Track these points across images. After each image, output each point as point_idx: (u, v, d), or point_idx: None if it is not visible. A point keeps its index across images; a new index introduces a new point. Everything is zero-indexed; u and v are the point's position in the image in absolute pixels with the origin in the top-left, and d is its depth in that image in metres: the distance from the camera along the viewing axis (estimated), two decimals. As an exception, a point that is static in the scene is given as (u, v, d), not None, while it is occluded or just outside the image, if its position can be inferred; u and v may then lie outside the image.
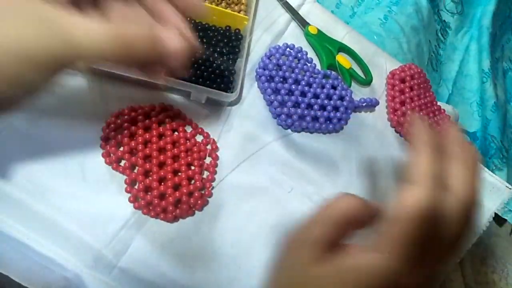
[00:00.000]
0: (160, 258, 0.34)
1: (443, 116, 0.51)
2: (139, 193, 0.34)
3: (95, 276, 0.33)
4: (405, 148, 0.49)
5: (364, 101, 0.46)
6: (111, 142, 0.36)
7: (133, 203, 0.35)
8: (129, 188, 0.35)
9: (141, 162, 0.35)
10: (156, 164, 0.35)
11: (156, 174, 0.35)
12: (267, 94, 0.42)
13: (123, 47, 0.24)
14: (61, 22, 0.22)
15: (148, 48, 0.25)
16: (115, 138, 0.36)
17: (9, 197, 0.33)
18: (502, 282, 0.73)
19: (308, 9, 0.50)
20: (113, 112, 0.37)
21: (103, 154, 0.36)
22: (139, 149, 0.36)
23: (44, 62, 0.22)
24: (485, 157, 0.70)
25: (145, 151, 0.36)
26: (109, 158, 0.35)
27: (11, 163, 0.33)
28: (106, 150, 0.36)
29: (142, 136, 0.36)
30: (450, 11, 0.73)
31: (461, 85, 0.73)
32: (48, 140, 0.35)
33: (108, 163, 0.35)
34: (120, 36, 0.23)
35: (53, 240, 0.32)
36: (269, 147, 0.42)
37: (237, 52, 0.44)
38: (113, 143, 0.35)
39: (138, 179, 0.35)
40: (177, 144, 0.37)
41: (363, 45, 0.52)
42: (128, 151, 0.36)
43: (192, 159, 0.37)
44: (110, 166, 0.35)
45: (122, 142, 0.36)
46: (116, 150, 0.36)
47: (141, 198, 0.34)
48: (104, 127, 0.36)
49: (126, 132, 0.36)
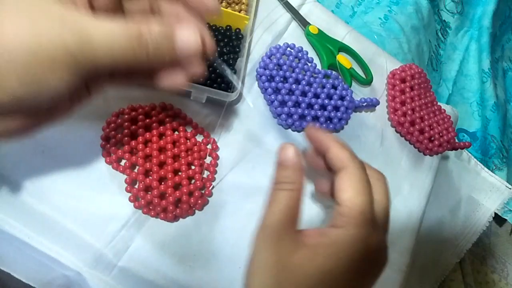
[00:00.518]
0: (160, 257, 0.34)
1: (444, 116, 0.51)
2: (139, 193, 0.34)
3: (95, 275, 0.33)
4: (405, 148, 0.49)
5: (364, 101, 0.46)
6: (111, 141, 0.36)
7: (133, 202, 0.35)
8: (129, 188, 0.35)
9: (141, 162, 0.35)
10: (157, 163, 0.35)
11: (157, 173, 0.35)
12: (268, 94, 0.42)
13: (139, 44, 0.23)
14: (75, 19, 0.21)
15: (166, 47, 0.24)
16: (115, 138, 0.36)
17: (10, 197, 0.33)
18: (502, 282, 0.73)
19: (308, 8, 0.50)
20: (113, 111, 0.37)
21: (103, 154, 0.36)
22: (139, 148, 0.36)
23: (58, 59, 0.21)
24: (485, 157, 0.70)
25: (145, 151, 0.36)
26: (109, 158, 0.35)
27: (12, 163, 0.33)
28: (106, 149, 0.36)
29: (143, 136, 0.36)
30: (450, 11, 0.73)
31: (461, 85, 0.73)
32: (48, 140, 0.35)
33: (108, 163, 0.35)
34: (135, 32, 0.23)
35: (54, 239, 0.32)
36: (269, 147, 0.42)
37: (237, 51, 0.44)
38: (113, 143, 0.36)
39: (138, 179, 0.35)
40: (177, 144, 0.37)
41: (364, 45, 0.52)
42: (128, 151, 0.36)
43: (193, 159, 0.37)
44: (110, 166, 0.35)
45: (123, 142, 0.36)
46: (116, 150, 0.35)
47: (141, 198, 0.34)
48: (104, 127, 0.36)
49: (126, 131, 0.36)
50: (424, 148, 0.48)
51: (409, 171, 0.48)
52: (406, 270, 0.44)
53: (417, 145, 0.49)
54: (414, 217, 0.46)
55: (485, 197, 0.62)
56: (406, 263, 0.44)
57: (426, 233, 0.51)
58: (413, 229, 0.45)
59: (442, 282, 0.61)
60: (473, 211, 0.61)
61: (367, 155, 0.46)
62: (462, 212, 0.61)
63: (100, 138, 0.36)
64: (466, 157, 0.62)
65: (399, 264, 0.44)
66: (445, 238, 0.59)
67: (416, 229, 0.46)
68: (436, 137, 0.48)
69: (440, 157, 0.51)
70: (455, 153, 0.61)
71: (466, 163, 0.62)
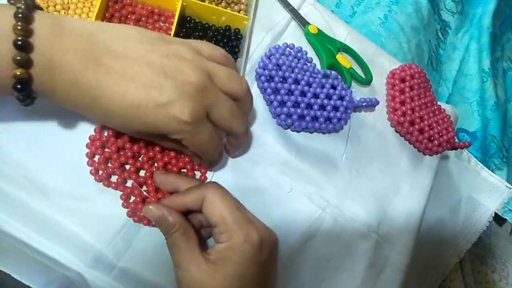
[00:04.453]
0: (161, 257, 0.34)
1: (444, 115, 0.51)
2: (137, 206, 0.34)
3: (95, 275, 0.33)
4: (405, 148, 0.49)
5: (364, 101, 0.46)
6: (99, 158, 0.34)
7: (132, 217, 0.34)
8: (126, 204, 0.34)
9: (134, 176, 0.35)
10: (150, 176, 0.35)
11: (151, 186, 0.35)
12: (267, 94, 0.42)
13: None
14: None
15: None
16: (102, 154, 0.34)
17: (10, 197, 0.33)
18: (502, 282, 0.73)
19: (308, 8, 0.50)
20: (96, 127, 0.36)
21: (91, 172, 0.34)
22: (130, 163, 0.35)
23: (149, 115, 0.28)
24: (485, 156, 0.70)
25: (136, 164, 0.35)
26: (98, 176, 0.34)
27: (12, 163, 0.34)
28: (94, 167, 0.34)
29: (131, 150, 0.35)
30: (450, 11, 0.73)
31: (461, 85, 0.74)
32: (48, 140, 0.35)
33: (98, 180, 0.34)
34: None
35: (54, 240, 0.33)
36: (269, 147, 0.42)
37: (237, 52, 0.44)
38: (101, 160, 0.34)
39: (133, 194, 0.34)
40: (166, 152, 0.37)
41: (363, 45, 0.52)
42: (118, 166, 0.34)
43: (184, 163, 0.37)
44: (101, 183, 0.34)
45: (111, 158, 0.35)
46: (106, 166, 0.34)
47: (139, 211, 0.34)
48: (89, 144, 0.35)
49: (113, 147, 0.35)
50: (424, 148, 0.48)
51: (409, 171, 0.48)
52: (406, 270, 0.44)
53: (417, 145, 0.49)
54: (414, 217, 0.46)
55: (485, 197, 0.62)
56: (406, 263, 0.44)
57: (426, 233, 0.51)
58: (413, 229, 0.45)
59: (442, 282, 0.61)
60: (473, 211, 0.61)
61: (367, 155, 0.46)
62: (462, 212, 0.61)
63: (86, 156, 0.34)
64: (466, 157, 0.62)
65: (399, 264, 0.44)
66: (445, 238, 0.59)
67: (416, 229, 0.46)
68: (436, 137, 0.48)
69: (440, 157, 0.51)
70: (455, 153, 0.61)
71: (466, 163, 0.62)
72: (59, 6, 0.39)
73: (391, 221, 0.45)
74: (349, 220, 0.42)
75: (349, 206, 0.43)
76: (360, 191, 0.44)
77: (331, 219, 0.42)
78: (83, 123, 0.36)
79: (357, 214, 0.43)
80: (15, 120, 0.35)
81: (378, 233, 0.43)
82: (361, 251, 0.42)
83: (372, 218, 0.43)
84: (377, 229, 0.43)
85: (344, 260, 0.41)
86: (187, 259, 0.30)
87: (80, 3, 0.40)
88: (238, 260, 0.29)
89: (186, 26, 0.43)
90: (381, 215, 0.44)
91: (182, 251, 0.30)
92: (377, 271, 0.43)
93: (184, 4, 0.42)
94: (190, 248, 0.30)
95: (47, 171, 0.34)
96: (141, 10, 0.42)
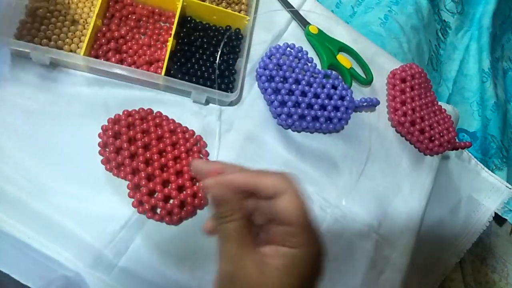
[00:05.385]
0: (160, 257, 0.34)
1: (444, 116, 0.51)
2: (143, 198, 0.34)
3: (95, 276, 0.33)
4: (405, 148, 0.49)
5: (364, 101, 0.46)
6: (110, 148, 0.35)
7: (137, 207, 0.34)
8: (132, 193, 0.34)
9: (143, 167, 0.35)
10: (158, 167, 0.35)
11: (159, 177, 0.35)
12: (268, 94, 0.42)
13: None
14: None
15: None
16: (113, 144, 0.35)
17: (10, 197, 0.33)
18: (502, 282, 0.73)
19: (308, 8, 0.50)
20: (109, 117, 0.36)
21: (102, 161, 0.35)
22: (139, 153, 0.35)
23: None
24: (485, 156, 0.70)
25: (145, 155, 0.35)
26: (109, 165, 0.35)
27: (12, 164, 0.33)
28: (106, 156, 0.35)
29: (142, 140, 0.35)
30: (450, 11, 0.73)
31: (461, 85, 0.73)
32: (49, 140, 0.35)
33: (108, 170, 0.35)
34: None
35: (54, 240, 0.32)
36: (269, 147, 0.42)
37: (237, 52, 0.44)
38: (112, 149, 0.35)
39: (141, 184, 0.34)
40: (176, 146, 0.37)
41: (364, 45, 0.51)
42: (128, 156, 0.35)
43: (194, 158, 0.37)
44: (110, 173, 0.35)
45: (122, 148, 0.35)
46: (116, 156, 0.35)
47: (145, 202, 0.34)
48: (101, 133, 0.35)
49: (124, 137, 0.35)
50: (425, 148, 0.48)
51: (409, 171, 0.48)
52: (406, 270, 0.44)
53: (418, 145, 0.48)
54: (414, 217, 0.46)
55: (485, 197, 0.62)
56: (406, 263, 0.44)
57: (426, 233, 0.51)
58: (413, 229, 0.45)
59: (442, 282, 0.61)
60: (473, 211, 0.61)
61: (368, 155, 0.46)
62: (462, 212, 0.61)
63: (98, 146, 0.35)
64: (466, 157, 0.62)
65: (399, 264, 0.44)
66: (445, 238, 0.59)
67: (416, 229, 0.46)
68: (437, 137, 0.48)
69: (440, 157, 0.51)
70: (456, 153, 0.61)
71: (467, 163, 0.62)
72: (59, 6, 0.39)
73: (391, 221, 0.45)
74: (349, 220, 0.42)
75: (349, 206, 0.43)
76: (360, 191, 0.44)
77: (332, 219, 0.42)
78: (84, 124, 0.36)
79: (358, 214, 0.43)
80: (15, 120, 0.35)
81: (378, 233, 0.43)
82: (361, 251, 0.42)
83: (373, 218, 0.43)
84: (377, 229, 0.43)
85: (344, 260, 0.41)
86: (243, 254, 0.26)
87: (80, 3, 0.40)
88: (307, 274, 0.25)
89: (187, 26, 0.43)
90: (382, 215, 0.44)
91: (238, 243, 0.26)
92: (378, 271, 0.43)
93: (184, 4, 0.42)
94: (248, 242, 0.26)
95: (47, 171, 0.34)
96: (141, 10, 0.42)
